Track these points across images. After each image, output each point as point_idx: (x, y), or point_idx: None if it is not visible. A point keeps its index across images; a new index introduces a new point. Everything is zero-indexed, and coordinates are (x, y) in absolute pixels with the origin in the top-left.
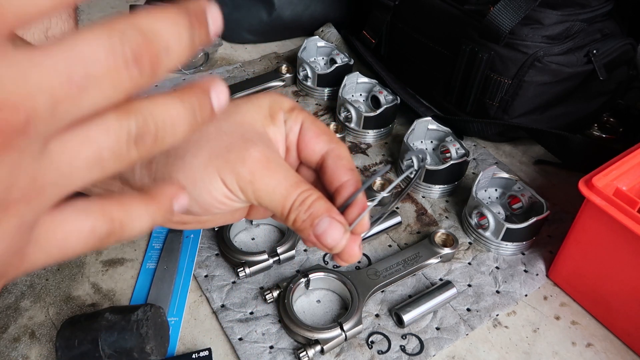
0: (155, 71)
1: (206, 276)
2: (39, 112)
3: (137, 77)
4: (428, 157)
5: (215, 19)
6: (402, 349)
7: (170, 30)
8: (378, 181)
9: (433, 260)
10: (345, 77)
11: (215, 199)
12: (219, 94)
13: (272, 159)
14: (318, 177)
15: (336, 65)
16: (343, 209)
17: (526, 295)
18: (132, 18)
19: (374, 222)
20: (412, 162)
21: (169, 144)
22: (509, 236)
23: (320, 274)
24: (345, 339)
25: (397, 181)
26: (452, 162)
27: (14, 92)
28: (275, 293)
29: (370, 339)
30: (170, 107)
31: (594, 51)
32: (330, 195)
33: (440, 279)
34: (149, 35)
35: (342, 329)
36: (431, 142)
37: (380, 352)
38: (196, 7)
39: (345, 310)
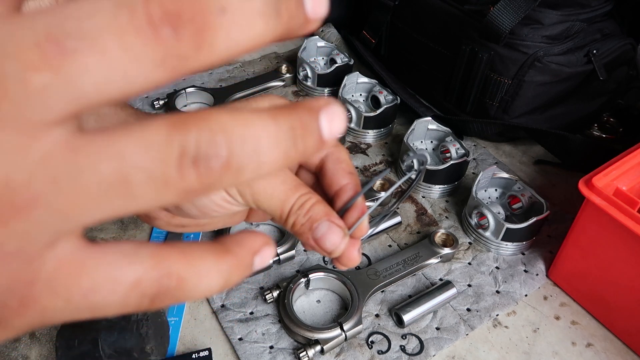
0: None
1: None
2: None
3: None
4: (429, 158)
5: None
6: (402, 349)
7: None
8: (378, 182)
9: (433, 260)
10: (345, 77)
11: (214, 203)
12: (333, 117)
13: None
14: (317, 181)
15: (336, 65)
16: (342, 213)
17: (526, 295)
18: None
19: (374, 224)
20: (413, 163)
21: (250, 177)
22: (509, 236)
23: (320, 274)
24: (345, 339)
25: (398, 183)
26: (452, 162)
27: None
28: (275, 293)
29: (370, 339)
30: (257, 125)
31: (594, 51)
32: (329, 199)
33: (440, 279)
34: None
35: (342, 329)
36: (431, 142)
37: (380, 352)
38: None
39: (345, 310)
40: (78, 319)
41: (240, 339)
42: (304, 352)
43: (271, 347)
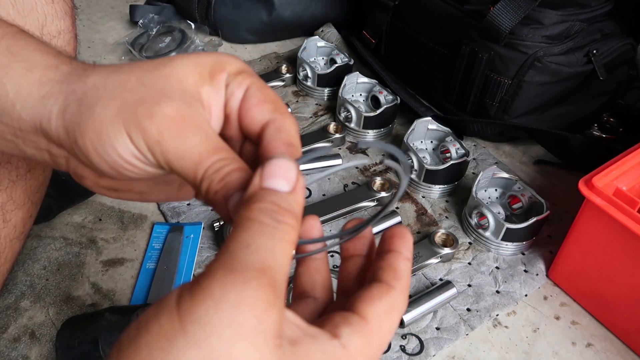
0: None
1: None
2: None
3: None
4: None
5: None
6: (402, 349)
7: None
8: (378, 181)
9: (433, 260)
10: (345, 77)
11: (122, 158)
12: None
13: (189, 119)
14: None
15: (336, 65)
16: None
17: (526, 295)
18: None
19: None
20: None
21: None
22: (509, 236)
23: None
24: None
25: (400, 190)
26: (452, 162)
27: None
28: None
29: None
30: None
31: (594, 51)
32: None
33: (440, 279)
34: None
35: None
36: (431, 142)
37: None
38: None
39: None
40: None
41: None
42: None
43: None
